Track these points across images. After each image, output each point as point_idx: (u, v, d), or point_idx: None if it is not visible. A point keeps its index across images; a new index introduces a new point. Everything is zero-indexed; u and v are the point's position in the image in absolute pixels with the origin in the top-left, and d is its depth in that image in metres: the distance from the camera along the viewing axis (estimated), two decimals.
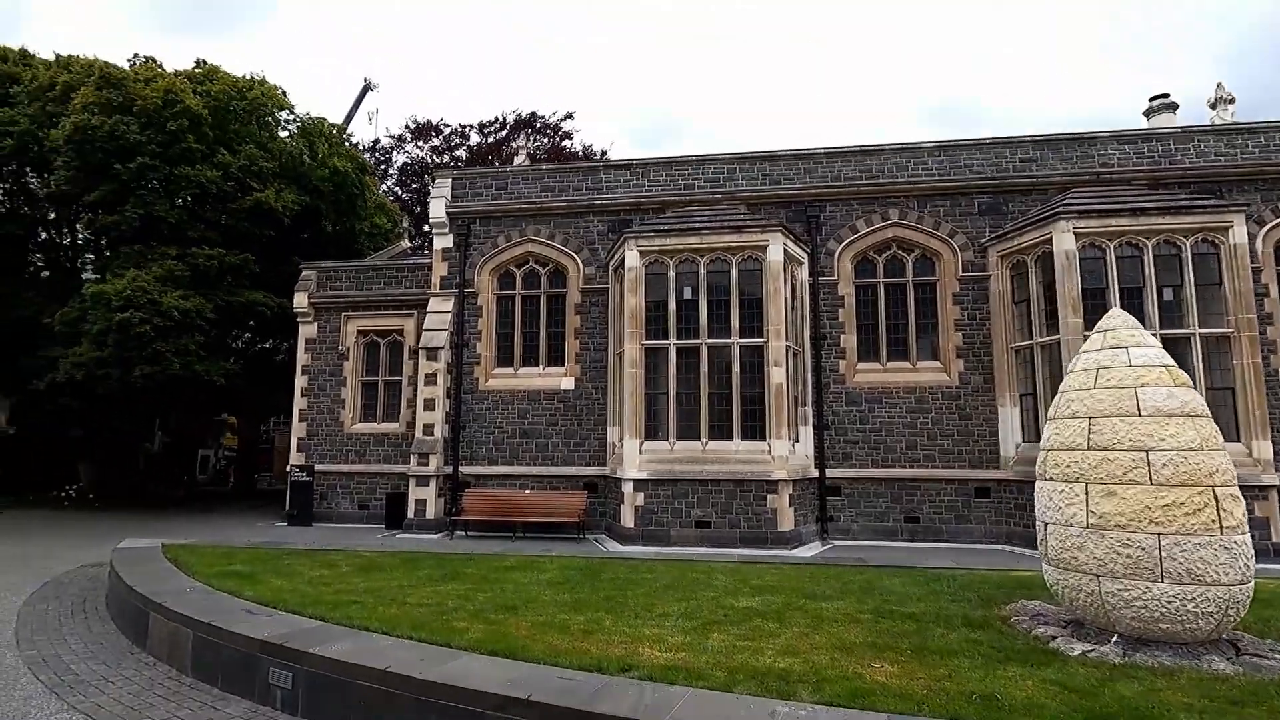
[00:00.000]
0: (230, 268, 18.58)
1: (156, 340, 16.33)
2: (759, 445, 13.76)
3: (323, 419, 18.02)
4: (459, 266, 17.02)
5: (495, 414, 16.43)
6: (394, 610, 6.28)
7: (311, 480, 17.22)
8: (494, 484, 16.12)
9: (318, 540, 13.42)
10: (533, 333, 16.81)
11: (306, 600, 6.63)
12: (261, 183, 19.18)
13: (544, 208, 16.79)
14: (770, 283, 14.05)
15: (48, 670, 6.03)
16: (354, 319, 18.22)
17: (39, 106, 18.61)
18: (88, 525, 16.62)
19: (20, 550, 12.77)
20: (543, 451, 16.10)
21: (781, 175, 16.02)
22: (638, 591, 7.16)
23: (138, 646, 6.74)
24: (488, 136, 40.29)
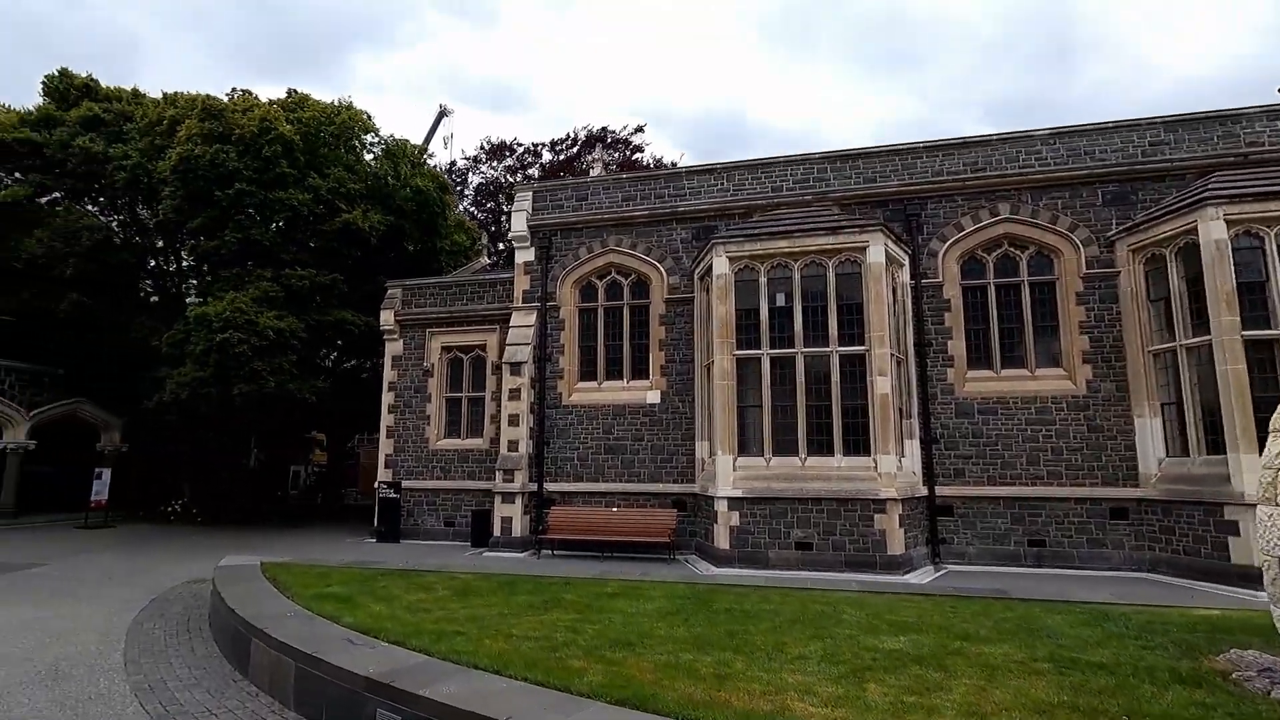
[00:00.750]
0: (320, 288, 19.03)
1: (254, 359, 16.78)
2: (863, 461, 12.77)
3: (409, 435, 18.10)
4: (541, 280, 16.80)
5: (579, 429, 16.02)
6: (501, 644, 5.78)
7: (399, 497, 17.26)
8: (579, 501, 15.67)
9: (406, 559, 13.26)
10: (616, 345, 16.36)
11: (408, 630, 6.22)
12: (349, 204, 19.63)
13: (625, 217, 16.39)
14: (871, 286, 13.10)
15: (154, 699, 5.83)
16: (438, 335, 18.28)
17: (149, 141, 19.67)
18: (190, 540, 17.15)
19: (131, 564, 13.14)
20: (628, 468, 15.56)
21: (876, 173, 15.06)
22: (760, 626, 6.43)
23: (240, 674, 6.50)
24: (559, 154, 40.64)
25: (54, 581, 11.38)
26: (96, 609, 9.33)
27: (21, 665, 6.69)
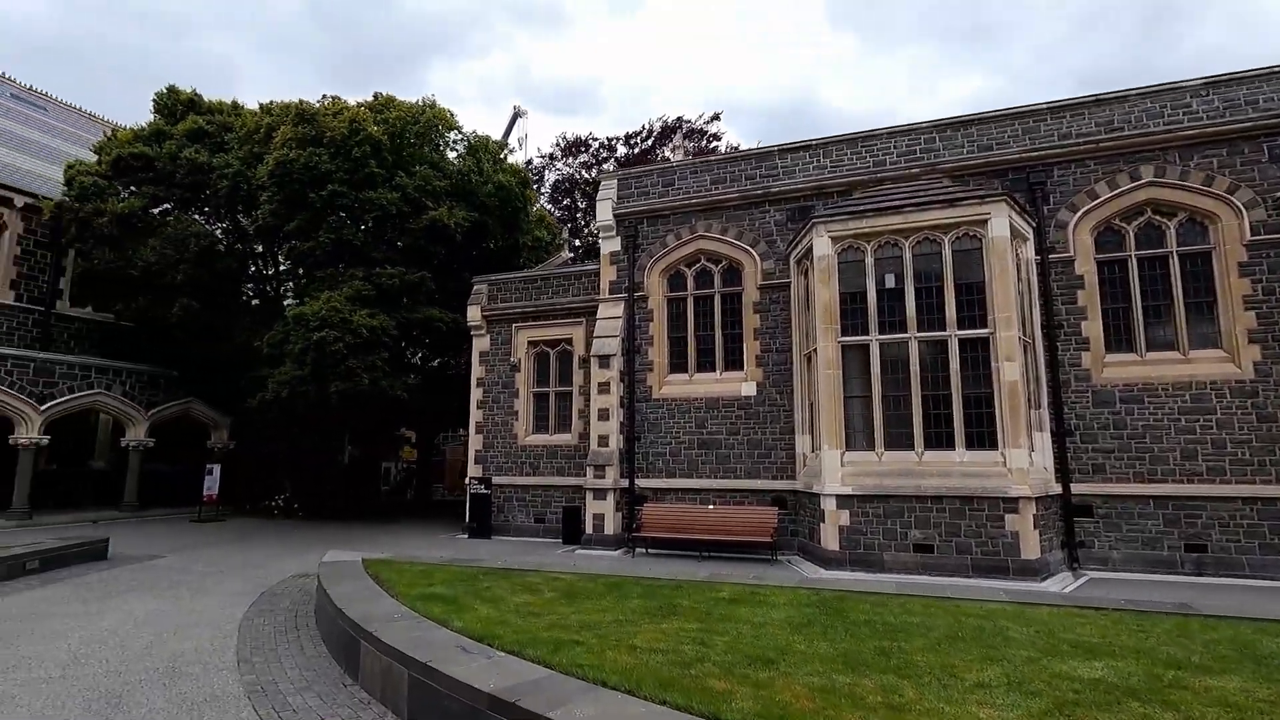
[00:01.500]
0: (409, 286, 19.20)
1: (348, 357, 17.04)
2: (989, 455, 11.58)
3: (497, 431, 17.98)
4: (627, 270, 16.29)
5: (670, 423, 15.42)
6: (626, 657, 5.21)
7: (489, 493, 17.16)
8: (671, 498, 15.08)
9: (500, 555, 13.03)
10: (707, 335, 15.65)
11: (522, 637, 5.75)
12: (435, 201, 19.74)
13: (714, 201, 15.64)
14: (995, 262, 11.87)
15: (266, 702, 5.58)
16: (524, 329, 18.09)
17: (247, 149, 20.38)
18: (293, 534, 17.61)
19: (240, 558, 13.47)
20: (723, 463, 14.84)
21: (993, 140, 13.72)
22: (915, 643, 5.60)
23: (350, 677, 6.22)
24: (634, 147, 40.23)
25: (171, 574, 11.71)
26: (210, 602, 9.42)
27: (141, 660, 6.65)
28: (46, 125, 27.84)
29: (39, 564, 11.59)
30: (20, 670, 6.26)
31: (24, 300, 21.76)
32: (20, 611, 8.67)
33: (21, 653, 6.79)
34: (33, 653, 6.80)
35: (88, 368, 20.67)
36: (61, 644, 7.14)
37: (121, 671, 6.29)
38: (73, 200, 20.97)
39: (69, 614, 8.55)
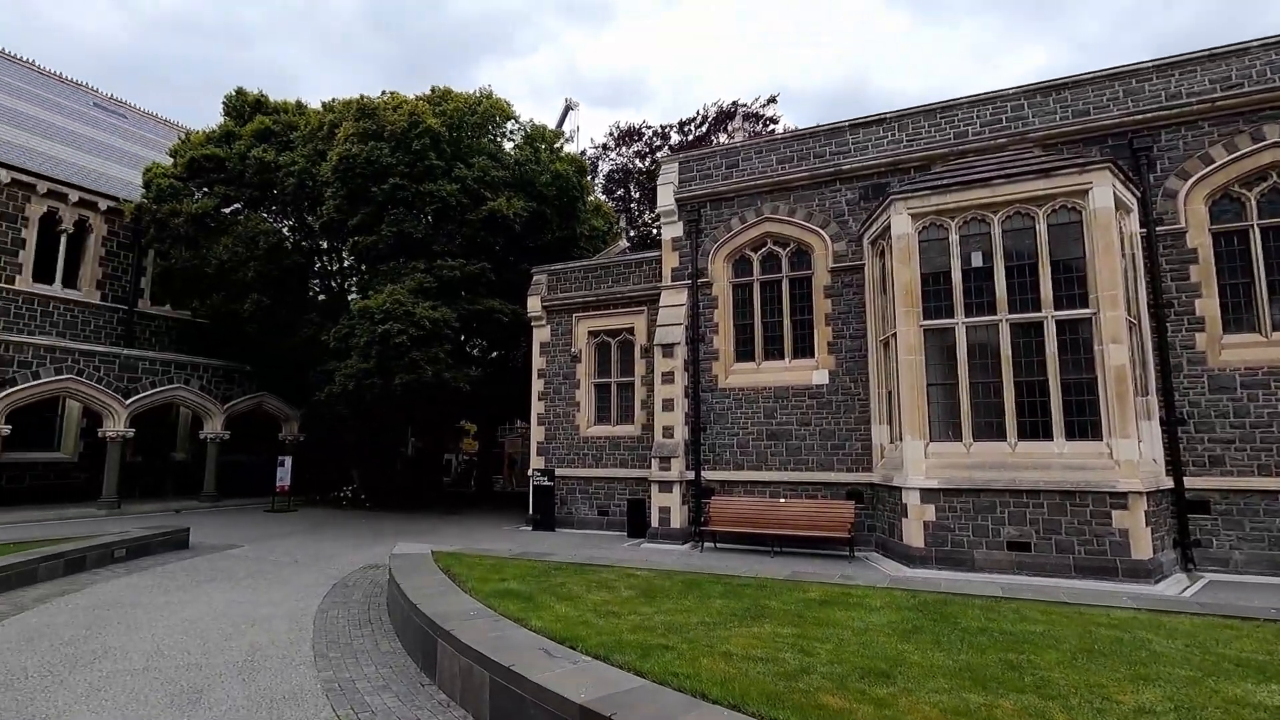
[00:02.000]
0: (469, 278, 19.18)
1: (412, 349, 17.11)
2: (1093, 446, 10.66)
3: (559, 423, 17.79)
4: (690, 255, 15.79)
5: (738, 413, 14.88)
6: (722, 665, 4.78)
7: (553, 485, 16.99)
8: (739, 491, 14.56)
9: (569, 549, 12.80)
10: (775, 322, 15.03)
11: (607, 639, 5.39)
12: (493, 192, 19.65)
13: (781, 181, 14.97)
14: (1098, 236, 10.89)
15: (345, 702, 5.38)
16: (584, 319, 17.82)
17: (311, 147, 20.72)
18: (362, 524, 17.86)
19: (313, 548, 13.64)
20: (794, 455, 14.23)
21: (1090, 103, 12.62)
22: (1047, 656, 4.99)
23: (427, 676, 5.99)
24: (688, 134, 39.50)
25: (248, 563, 11.89)
26: (285, 594, 9.44)
27: (221, 652, 6.59)
28: (126, 132, 29.09)
29: (126, 552, 11.95)
30: (107, 661, 6.26)
31: (109, 299, 22.74)
32: (108, 599, 8.84)
33: (109, 643, 6.83)
34: (118, 644, 6.83)
35: (168, 363, 21.46)
36: (145, 634, 7.17)
37: (202, 665, 6.23)
38: (151, 202, 21.75)
39: (152, 604, 8.66)
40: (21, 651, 6.49)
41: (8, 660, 6.21)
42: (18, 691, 5.42)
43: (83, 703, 5.23)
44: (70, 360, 19.03)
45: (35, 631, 7.22)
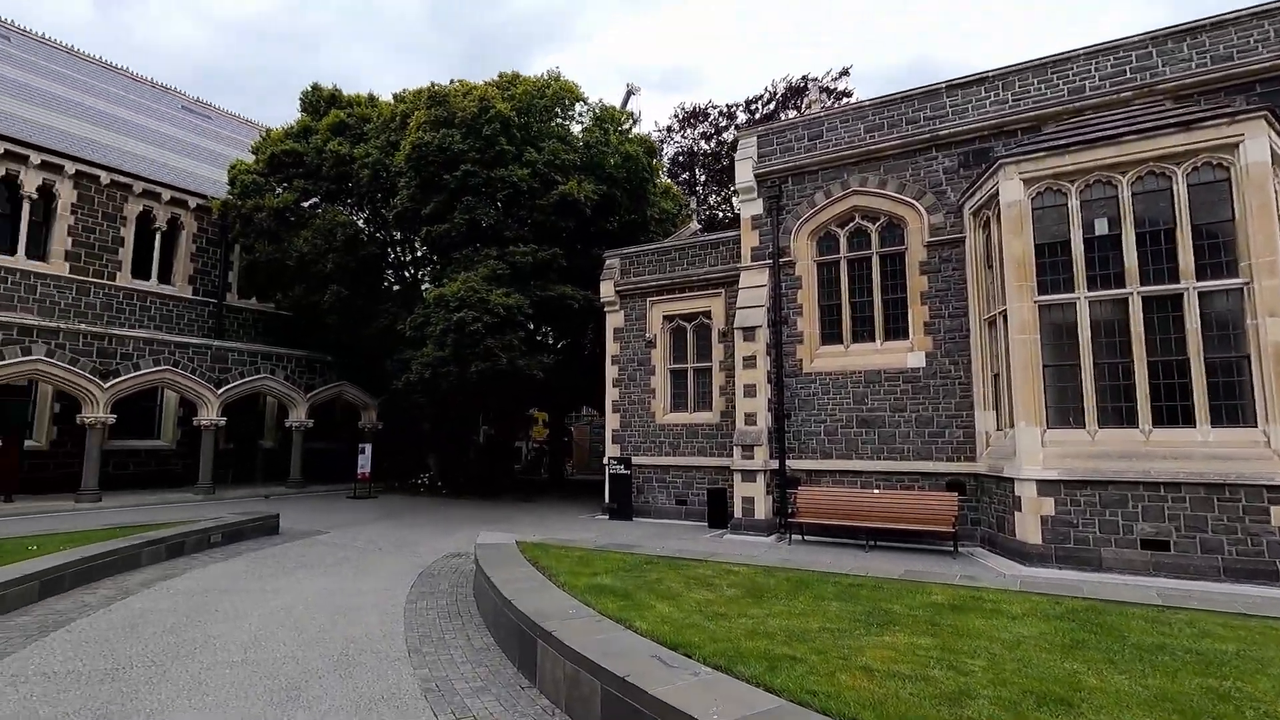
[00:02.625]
0: (540, 264, 18.96)
1: (486, 337, 17.02)
2: (1245, 434, 9.45)
3: (634, 410, 17.39)
4: (771, 234, 15.02)
5: (825, 399, 14.10)
6: (865, 683, 4.20)
7: (629, 473, 16.63)
8: (827, 480, 13.81)
9: (650, 540, 12.39)
10: (864, 302, 14.13)
11: (724, 647, 4.89)
12: (564, 175, 19.34)
13: (870, 151, 14.00)
14: (1251, 196, 9.59)
15: (444, 705, 5.08)
16: (659, 304, 17.31)
17: (384, 138, 20.91)
18: (440, 511, 17.98)
19: (395, 535, 13.70)
20: (888, 443, 13.36)
21: (1233, 47, 11.17)
22: (1259, 684, 4.21)
23: (526, 677, 5.64)
24: (754, 112, 38.26)
25: (335, 550, 11.98)
26: (373, 583, 9.36)
27: (316, 645, 6.43)
28: (211, 132, 30.27)
29: (221, 537, 12.24)
30: (207, 652, 6.19)
31: (199, 294, 23.71)
32: (206, 585, 8.94)
33: (209, 633, 6.80)
34: (218, 633, 6.78)
35: (255, 354, 22.20)
36: (243, 624, 7.12)
37: (298, 657, 6.07)
38: (235, 198, 22.47)
39: (247, 590, 8.70)
40: (126, 639, 6.50)
41: (114, 649, 6.21)
42: (122, 683, 5.35)
43: (184, 697, 5.10)
44: (167, 352, 19.86)
45: (139, 617, 7.28)
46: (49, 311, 19.56)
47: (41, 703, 4.93)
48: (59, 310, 19.88)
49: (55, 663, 5.80)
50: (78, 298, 20.54)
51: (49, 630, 6.77)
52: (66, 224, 20.47)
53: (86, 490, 17.60)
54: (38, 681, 5.34)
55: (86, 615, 7.35)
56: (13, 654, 6.01)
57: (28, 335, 17.16)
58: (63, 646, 6.25)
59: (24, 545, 9.99)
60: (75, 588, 8.58)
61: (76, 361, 17.88)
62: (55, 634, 6.63)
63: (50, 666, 5.71)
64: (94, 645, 6.29)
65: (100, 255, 21.14)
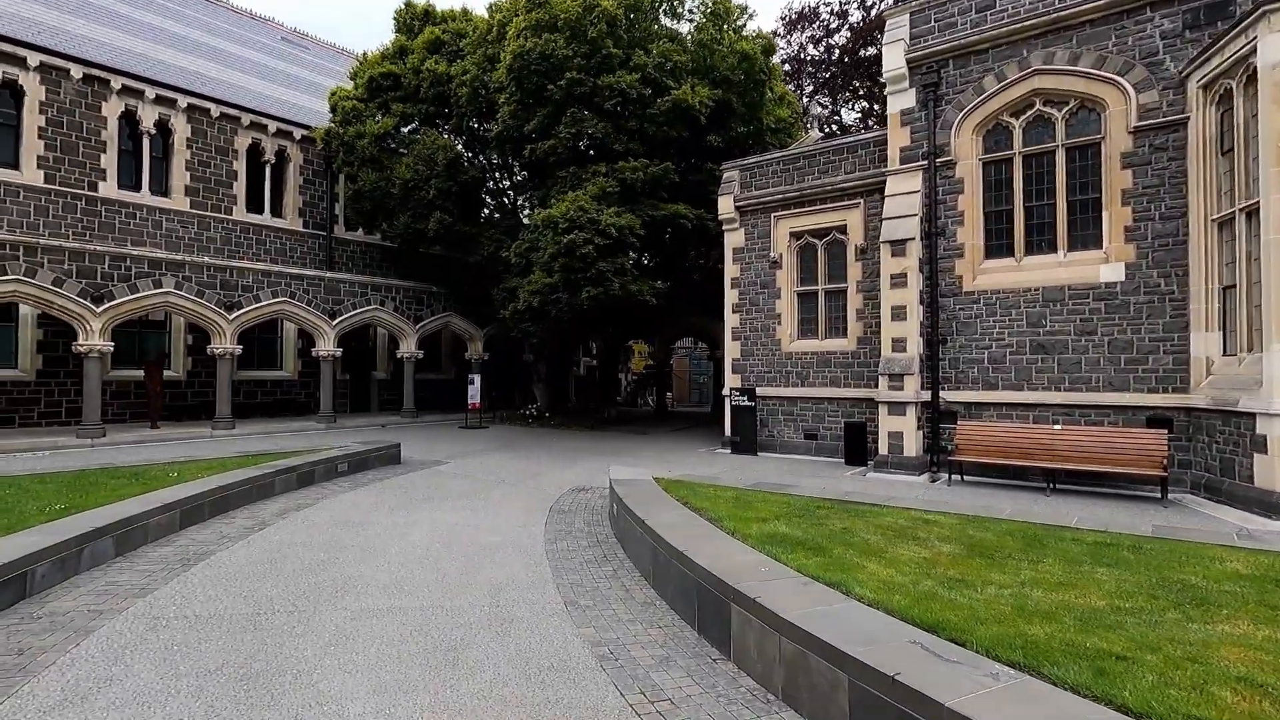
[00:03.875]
0: (652, 180, 17.52)
1: (598, 260, 15.95)
2: None
3: (756, 337, 16.01)
4: (926, 130, 12.87)
5: (990, 322, 12.21)
6: (1228, 695, 2.87)
7: (754, 405, 15.43)
8: (990, 414, 12.09)
9: (793, 477, 11.25)
10: (1043, 206, 11.93)
11: (998, 631, 3.68)
12: (675, 80, 17.58)
13: (1060, 19, 11.48)
14: None
15: (627, 678, 4.17)
16: (784, 219, 15.57)
17: (482, 53, 19.69)
18: (553, 442, 17.54)
19: (516, 467, 13.22)
20: (1070, 371, 11.42)
21: None
22: None
23: (713, 647, 4.66)
24: (869, 9, 34.26)
25: (457, 481, 11.57)
26: (505, 517, 8.73)
27: (463, 593, 5.73)
28: (310, 63, 30.04)
29: (348, 466, 12.08)
30: (349, 595, 5.59)
31: (309, 226, 23.85)
32: (339, 517, 8.57)
33: (348, 572, 6.25)
34: (356, 573, 6.22)
35: (364, 285, 22.23)
36: (381, 563, 6.55)
37: (446, 607, 5.36)
38: (337, 126, 22.08)
39: (380, 524, 8.23)
40: (266, 578, 6.02)
41: (254, 589, 5.72)
42: (265, 632, 4.77)
43: (332, 653, 4.44)
44: (283, 284, 20.08)
45: (277, 552, 6.86)
46: (175, 246, 20.08)
47: (182, 654, 4.38)
48: (183, 245, 20.38)
49: (195, 603, 5.33)
50: (199, 232, 20.99)
51: (190, 564, 6.42)
52: (183, 159, 20.73)
53: (221, 418, 18.26)
54: (178, 626, 4.85)
55: (226, 548, 7.01)
56: (154, 591, 5.62)
57: (157, 269, 17.59)
58: (203, 584, 5.83)
59: (166, 473, 10.02)
60: (214, 516, 8.39)
61: (202, 294, 18.28)
62: (195, 569, 6.26)
63: (191, 608, 5.24)
64: (234, 584, 5.84)
65: (216, 190, 21.42)
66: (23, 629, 4.74)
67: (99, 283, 16.53)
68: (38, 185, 17.93)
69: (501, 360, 27.18)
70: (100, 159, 19.05)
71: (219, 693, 3.87)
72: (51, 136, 18.17)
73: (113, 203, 19.26)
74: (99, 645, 4.47)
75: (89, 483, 9.05)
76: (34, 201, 17.88)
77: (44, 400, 17.70)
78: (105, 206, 19.14)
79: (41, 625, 4.82)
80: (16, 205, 17.60)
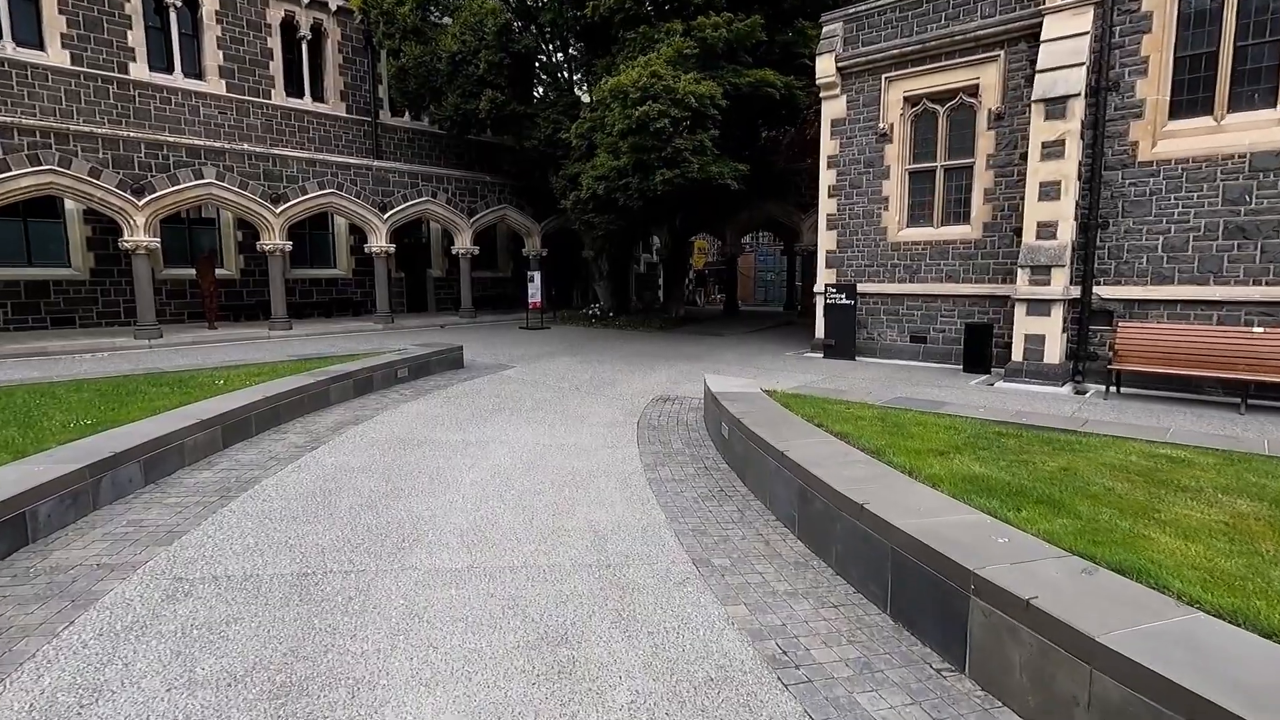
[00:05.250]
0: (737, 38, 14.93)
1: (675, 137, 13.85)
2: None
3: (857, 226, 13.89)
4: None
5: (1170, 200, 9.87)
6: None
7: (852, 304, 13.58)
8: (1160, 313, 10.00)
9: (911, 385, 9.65)
10: (1262, 46, 9.24)
11: None
12: None
13: None
14: None
15: (816, 696, 2.82)
16: (898, 81, 13.01)
17: None
18: (621, 344, 16.18)
19: (587, 373, 11.95)
20: (1278, 260, 9.16)
21: None
22: None
23: (928, 646, 3.26)
24: None
25: (526, 389, 10.37)
26: (588, 435, 7.46)
27: (559, 543, 4.47)
28: None
29: (408, 372, 11.00)
30: (418, 547, 4.39)
31: (353, 112, 22.08)
32: (400, 434, 7.43)
33: (414, 510, 5.07)
34: (425, 511, 5.03)
35: (414, 175, 20.61)
36: (454, 498, 5.35)
37: (542, 566, 4.11)
38: None
39: (447, 443, 7.06)
40: (316, 518, 4.88)
41: (302, 535, 4.58)
42: (313, 605, 3.60)
43: (401, 647, 3.22)
44: (330, 173, 18.64)
45: (330, 481, 5.74)
46: (213, 134, 18.72)
47: (203, 643, 3.23)
48: (222, 133, 19.00)
49: (229, 557, 4.20)
50: (238, 119, 19.52)
51: (229, 496, 5.34)
52: (214, 35, 18.96)
53: (277, 318, 17.49)
54: (203, 594, 3.72)
55: (272, 473, 5.93)
56: (182, 536, 4.53)
57: (196, 158, 16.32)
58: (241, 525, 4.72)
59: (214, 379, 9.06)
60: (261, 432, 7.36)
61: (246, 186, 17.03)
62: (235, 503, 5.16)
63: (222, 563, 4.11)
64: (278, 526, 4.71)
65: (252, 70, 19.71)
66: (10, 594, 3.68)
67: (137, 173, 15.39)
68: (65, 67, 16.57)
69: (560, 257, 25.60)
70: (127, 36, 17.47)
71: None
72: (73, 10, 16.60)
73: (145, 86, 17.84)
74: (97, 626, 3.36)
75: (128, 391, 8.13)
76: (63, 85, 16.60)
77: (101, 300, 17.17)
78: (138, 91, 17.75)
79: (35, 589, 3.75)
80: (46, 90, 16.37)
